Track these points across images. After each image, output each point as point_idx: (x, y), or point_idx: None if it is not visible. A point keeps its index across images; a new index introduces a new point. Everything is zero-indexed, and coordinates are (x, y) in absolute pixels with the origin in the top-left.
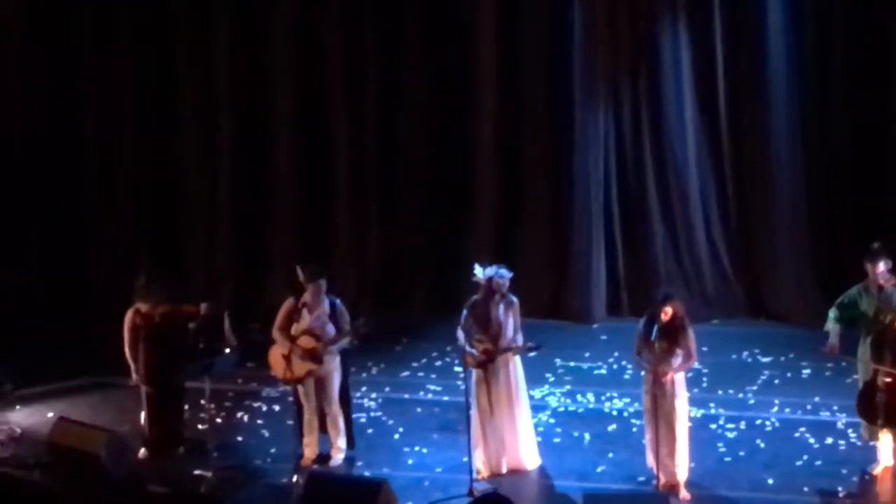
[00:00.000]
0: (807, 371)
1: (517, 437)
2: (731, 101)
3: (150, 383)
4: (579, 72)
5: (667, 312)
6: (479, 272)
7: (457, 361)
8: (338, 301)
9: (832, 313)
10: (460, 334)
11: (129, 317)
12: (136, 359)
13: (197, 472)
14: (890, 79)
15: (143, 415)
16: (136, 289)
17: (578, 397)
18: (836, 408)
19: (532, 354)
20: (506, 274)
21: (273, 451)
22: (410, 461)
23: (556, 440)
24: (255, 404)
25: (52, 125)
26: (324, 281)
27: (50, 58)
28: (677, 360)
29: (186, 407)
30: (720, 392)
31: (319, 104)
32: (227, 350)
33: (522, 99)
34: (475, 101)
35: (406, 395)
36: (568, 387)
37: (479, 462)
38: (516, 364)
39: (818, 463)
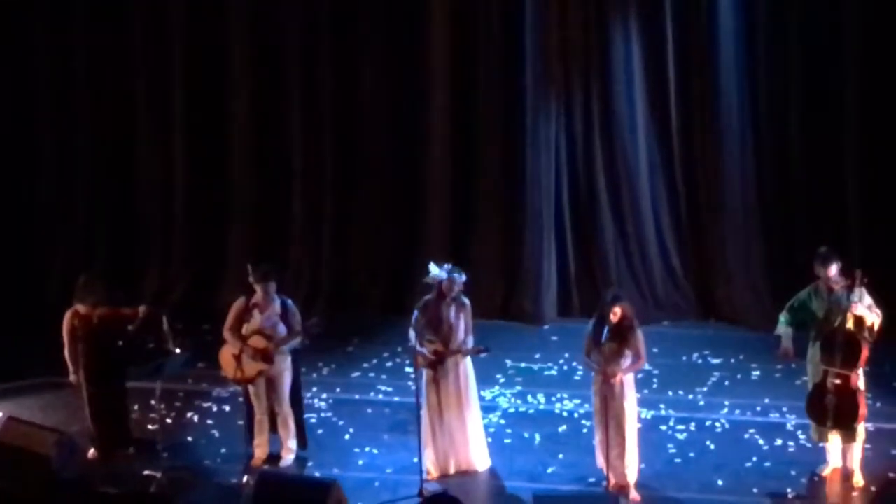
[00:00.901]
0: (756, 373)
1: (467, 438)
2: (682, 105)
3: (90, 383)
4: (531, 76)
5: (616, 313)
6: (435, 271)
7: (408, 362)
8: (289, 301)
9: (783, 317)
10: (412, 334)
11: (67, 318)
12: (74, 359)
13: (147, 472)
14: (843, 78)
15: (87, 414)
16: (75, 290)
17: (529, 398)
18: (785, 409)
19: (483, 356)
20: (458, 277)
21: (223, 451)
22: (361, 462)
23: (507, 441)
24: (206, 404)
25: (4, 122)
26: (274, 281)
27: (2, 53)
28: (626, 362)
29: (136, 407)
30: (670, 393)
31: (274, 105)
32: (177, 350)
33: (475, 102)
34: (428, 105)
35: (357, 396)
36: (518, 388)
37: (429, 462)
38: (466, 365)
39: (767, 464)
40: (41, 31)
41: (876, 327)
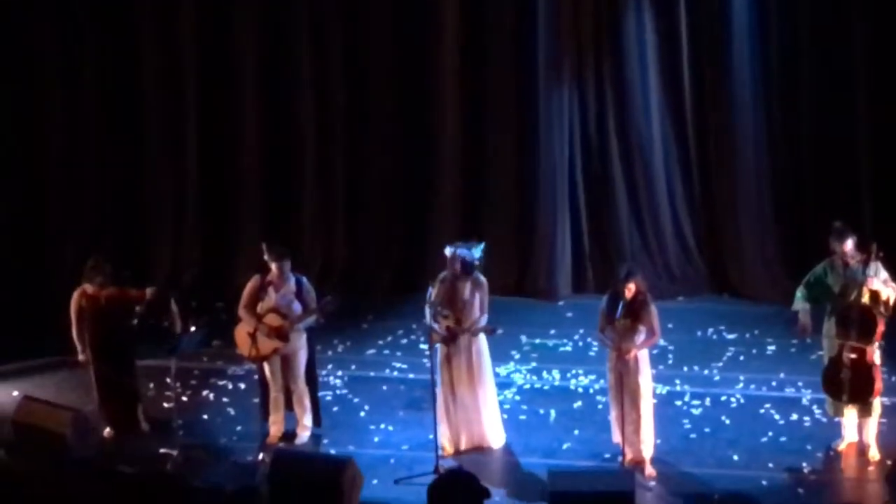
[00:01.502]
0: (772, 347)
1: (480, 415)
2: (696, 79)
3: (98, 363)
4: (544, 51)
5: (630, 289)
6: (456, 251)
7: (423, 339)
8: (304, 279)
9: (800, 292)
10: (427, 311)
11: (75, 297)
12: (82, 339)
13: (162, 450)
14: (855, 54)
15: (93, 393)
16: (84, 270)
17: (544, 374)
18: (801, 384)
19: (500, 332)
20: (468, 254)
21: (239, 429)
22: (376, 439)
23: (522, 417)
24: (221, 382)
25: (13, 104)
26: (289, 260)
27: (9, 43)
28: (640, 337)
29: (151, 385)
30: (685, 369)
31: (285, 87)
32: (192, 329)
33: (487, 80)
34: (439, 82)
35: (372, 373)
36: (533, 364)
37: (444, 439)
38: (480, 343)
39: (783, 439)
40: (49, 16)
41: (892, 301)
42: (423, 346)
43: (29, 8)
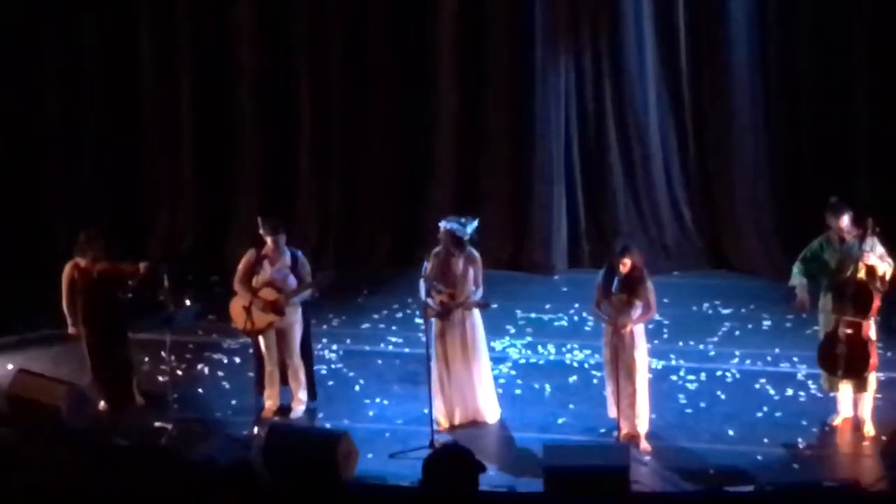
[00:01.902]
0: (767, 323)
1: (475, 390)
2: (692, 53)
3: (91, 336)
4: (540, 23)
5: (625, 264)
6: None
7: (418, 313)
8: (299, 253)
9: (796, 268)
10: (421, 285)
11: (67, 270)
12: (73, 312)
13: (157, 424)
14: (854, 29)
15: (87, 367)
16: (76, 244)
17: (539, 349)
18: (796, 359)
19: (494, 306)
20: (458, 228)
21: (234, 403)
22: (371, 413)
23: (517, 392)
24: (216, 356)
25: (11, 76)
26: (285, 234)
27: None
28: (636, 312)
29: (146, 359)
30: (681, 344)
31: (282, 58)
32: (187, 302)
33: (484, 51)
34: (436, 54)
35: (367, 348)
36: (529, 338)
37: (439, 413)
38: (475, 317)
39: (778, 414)
40: None
41: (888, 277)
42: (419, 321)
43: None
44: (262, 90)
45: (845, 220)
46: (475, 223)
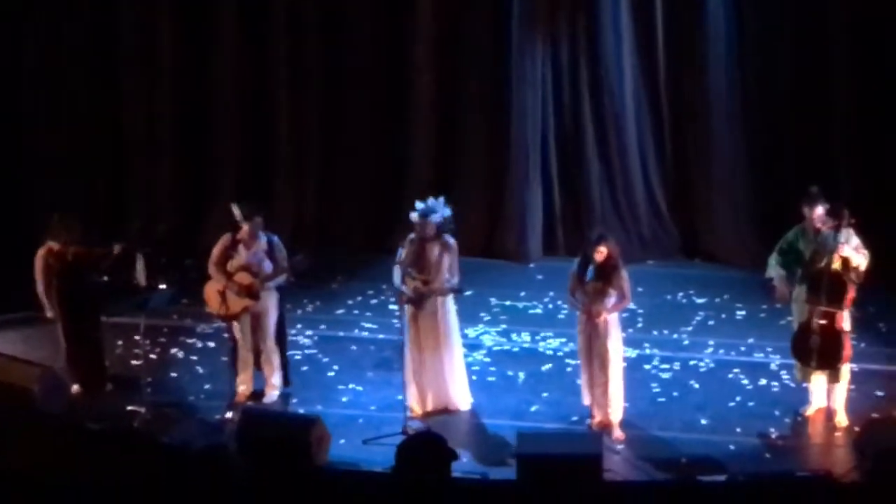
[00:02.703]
0: (741, 313)
1: (447, 377)
2: (669, 42)
3: (66, 320)
4: (518, 14)
5: (601, 252)
6: (421, 207)
7: (393, 299)
8: (275, 238)
9: (773, 259)
10: (396, 271)
11: (40, 255)
12: (49, 296)
13: (130, 407)
14: (832, 18)
15: (62, 350)
16: (49, 227)
17: (513, 336)
18: (769, 349)
19: (468, 293)
20: (432, 218)
21: (207, 387)
22: (345, 399)
23: (491, 379)
24: (190, 340)
25: None
26: (260, 219)
27: None
28: (611, 301)
29: (120, 343)
30: (655, 333)
31: (260, 40)
32: (162, 286)
33: (461, 41)
34: (412, 39)
35: (341, 333)
36: (503, 326)
37: (412, 400)
38: (448, 305)
39: (751, 404)
40: None
41: (862, 268)
42: (394, 307)
43: None
44: (240, 75)
45: (819, 211)
46: (447, 209)
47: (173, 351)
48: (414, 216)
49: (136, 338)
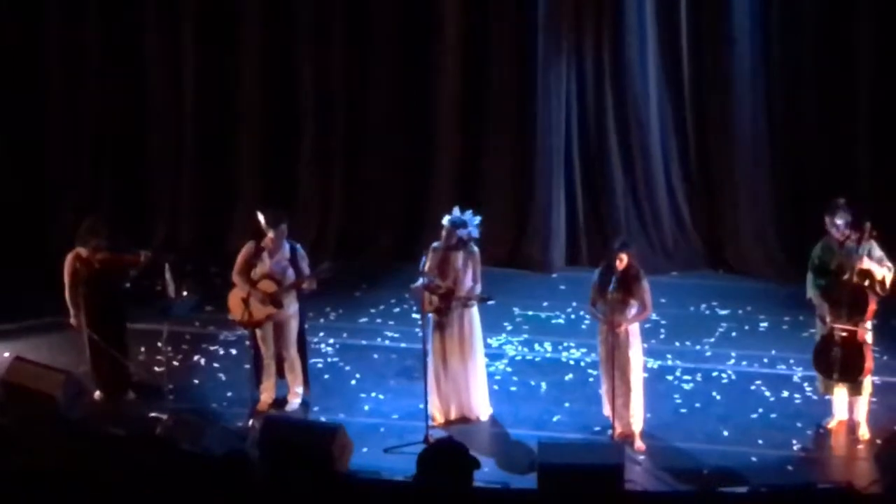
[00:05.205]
0: (764, 324)
1: (469, 386)
2: (694, 51)
3: (91, 327)
4: (542, 26)
5: (622, 259)
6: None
7: (415, 308)
8: (298, 246)
9: (811, 279)
10: (419, 279)
11: (69, 260)
12: (75, 302)
13: (153, 414)
14: (857, 30)
15: (87, 357)
16: (78, 233)
17: (536, 346)
18: (792, 361)
19: (491, 303)
20: (465, 232)
21: (229, 395)
22: (367, 407)
23: (513, 389)
24: (213, 348)
25: (10, 64)
26: (285, 226)
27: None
28: (632, 311)
29: (143, 349)
30: (677, 344)
31: (285, 47)
32: (184, 294)
33: (486, 51)
34: (439, 49)
35: (363, 342)
36: (525, 336)
37: (434, 409)
38: (472, 314)
39: (773, 416)
40: None
41: (888, 281)
42: (416, 315)
43: None
44: (264, 81)
45: (838, 221)
46: (478, 219)
47: (196, 358)
48: (445, 221)
49: (159, 345)
